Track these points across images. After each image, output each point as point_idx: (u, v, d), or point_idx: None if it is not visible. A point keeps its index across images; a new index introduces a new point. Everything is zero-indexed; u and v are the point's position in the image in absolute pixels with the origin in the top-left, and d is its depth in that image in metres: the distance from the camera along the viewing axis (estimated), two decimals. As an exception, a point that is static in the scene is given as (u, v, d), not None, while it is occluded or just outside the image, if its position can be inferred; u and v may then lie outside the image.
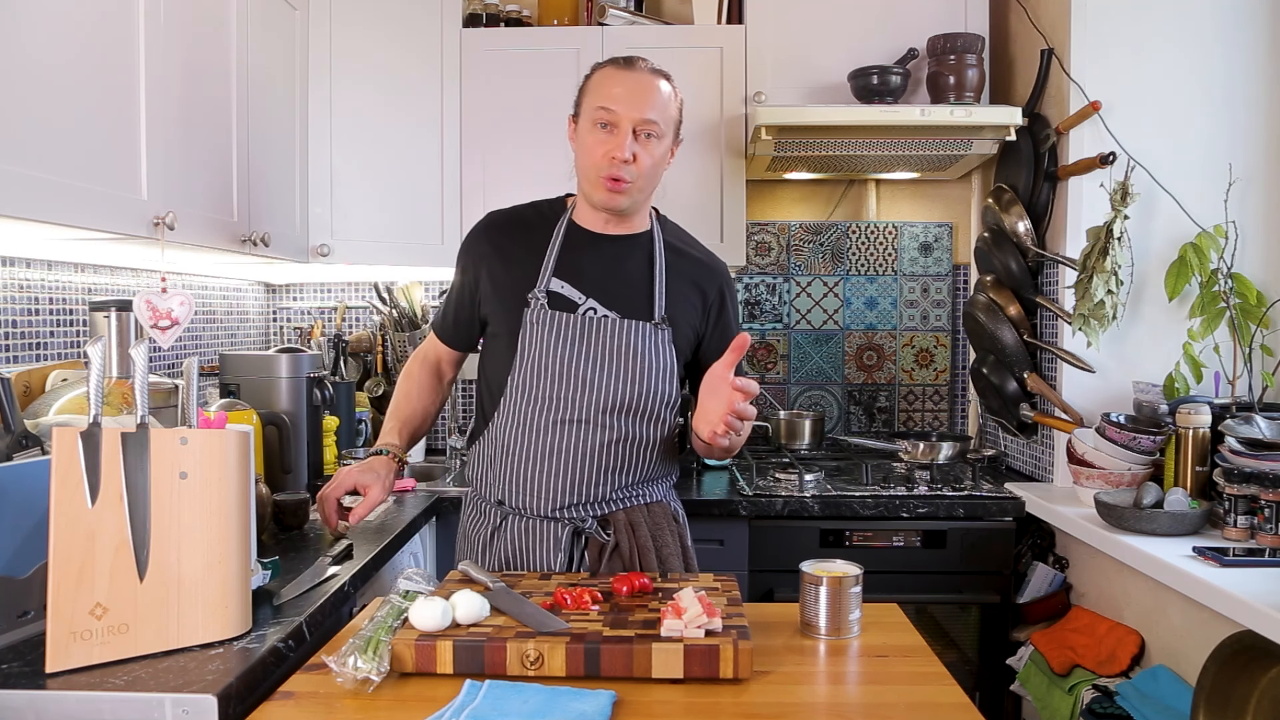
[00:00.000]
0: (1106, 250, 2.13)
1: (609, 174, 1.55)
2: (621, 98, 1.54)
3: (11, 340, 1.82)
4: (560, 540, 1.61)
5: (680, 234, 1.74)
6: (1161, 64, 2.25)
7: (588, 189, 1.62)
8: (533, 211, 1.70)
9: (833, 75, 2.59)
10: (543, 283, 1.61)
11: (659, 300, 1.62)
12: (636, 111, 1.53)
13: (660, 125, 1.55)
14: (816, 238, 3.00)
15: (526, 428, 1.61)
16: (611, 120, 1.54)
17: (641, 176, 1.57)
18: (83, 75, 1.47)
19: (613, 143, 1.54)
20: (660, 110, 1.55)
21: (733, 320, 1.72)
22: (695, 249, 1.73)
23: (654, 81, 1.57)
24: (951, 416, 3.01)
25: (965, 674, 2.35)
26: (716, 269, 1.72)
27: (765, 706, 1.12)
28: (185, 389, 1.36)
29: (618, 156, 1.53)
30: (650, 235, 1.68)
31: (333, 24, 2.51)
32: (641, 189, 1.60)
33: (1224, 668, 1.55)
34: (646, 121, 1.54)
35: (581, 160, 1.61)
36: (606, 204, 1.60)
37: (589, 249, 1.64)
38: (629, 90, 1.54)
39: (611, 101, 1.54)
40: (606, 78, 1.57)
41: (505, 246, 1.66)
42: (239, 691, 1.13)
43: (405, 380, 1.80)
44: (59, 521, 1.13)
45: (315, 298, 3.05)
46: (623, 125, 1.54)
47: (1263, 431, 1.86)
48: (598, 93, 1.56)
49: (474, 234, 1.71)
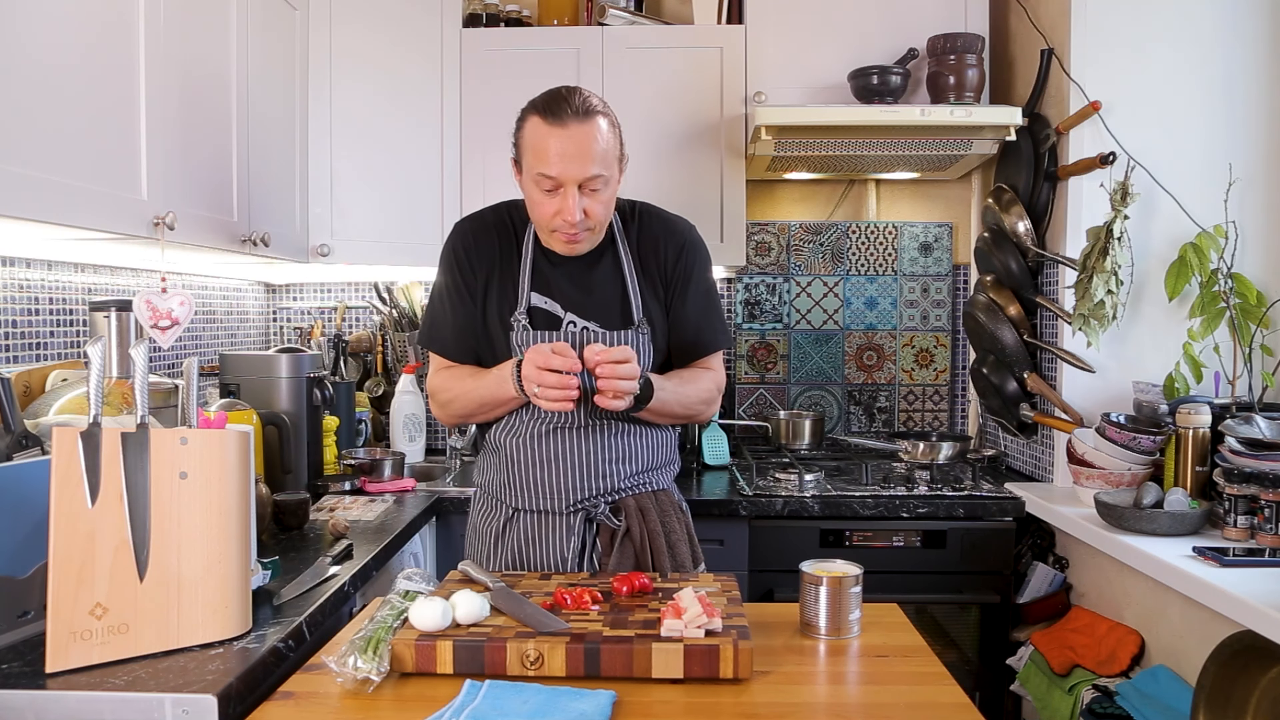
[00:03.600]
0: (1106, 250, 2.13)
1: (562, 231, 1.54)
2: (559, 161, 1.48)
3: (11, 340, 1.82)
4: (573, 527, 1.62)
5: (641, 216, 1.69)
6: (1161, 64, 2.25)
7: (544, 238, 1.60)
8: (501, 221, 1.67)
9: (833, 75, 2.59)
10: (523, 301, 1.60)
11: (635, 304, 1.62)
12: (579, 171, 1.48)
13: (605, 172, 1.51)
14: (816, 238, 3.00)
15: (528, 435, 1.62)
16: (554, 185, 1.50)
17: (596, 222, 1.55)
18: (83, 75, 1.47)
19: (560, 202, 1.51)
20: (602, 158, 1.50)
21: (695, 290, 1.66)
22: (654, 225, 1.68)
23: (589, 131, 1.49)
24: (951, 416, 3.01)
25: (965, 674, 2.35)
26: (674, 231, 1.68)
27: (765, 706, 1.12)
28: (185, 389, 1.36)
29: (568, 220, 1.51)
30: (612, 236, 1.65)
31: (333, 24, 2.51)
32: (599, 231, 1.59)
33: (1224, 668, 1.55)
34: (591, 178, 1.50)
35: (533, 214, 1.58)
36: (566, 254, 1.60)
37: (559, 265, 1.63)
38: (565, 151, 1.48)
39: (549, 167, 1.49)
40: (540, 135, 1.49)
41: (483, 263, 1.64)
42: (239, 691, 1.13)
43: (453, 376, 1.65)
44: (59, 521, 1.13)
45: (315, 298, 3.05)
46: (568, 187, 1.50)
47: (1263, 431, 1.86)
48: (535, 155, 1.51)
49: (451, 247, 1.66)
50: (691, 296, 1.67)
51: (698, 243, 1.70)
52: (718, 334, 1.70)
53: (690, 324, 1.67)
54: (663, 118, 2.61)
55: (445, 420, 1.70)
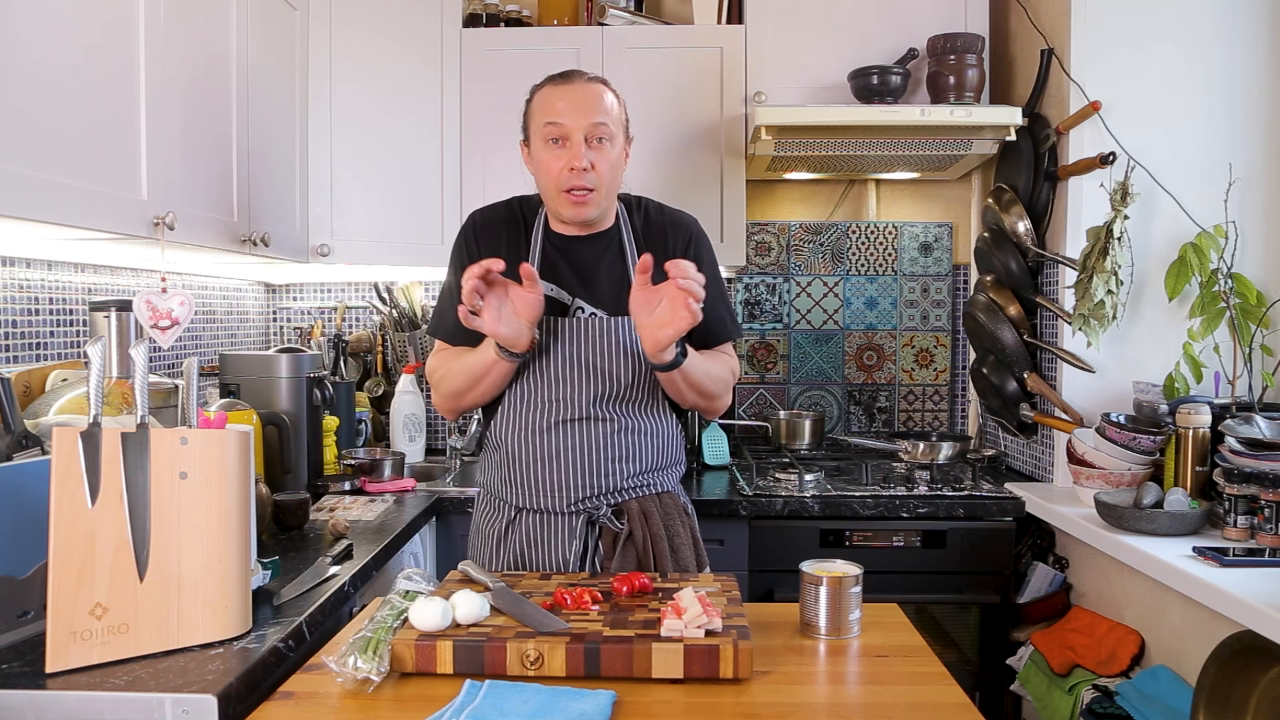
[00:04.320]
0: (1106, 250, 2.13)
1: (570, 185, 1.57)
2: (566, 110, 1.56)
3: (11, 340, 1.82)
4: (575, 530, 1.62)
5: (645, 208, 1.73)
6: (1161, 64, 2.25)
7: (554, 206, 1.63)
8: (512, 213, 1.71)
9: (833, 75, 2.59)
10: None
11: None
12: (585, 118, 1.56)
13: (610, 126, 1.58)
14: (816, 238, 3.00)
15: (531, 431, 1.62)
16: (562, 134, 1.57)
17: (602, 182, 1.59)
18: (83, 75, 1.47)
19: (568, 155, 1.56)
20: (607, 111, 1.58)
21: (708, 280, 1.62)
22: (659, 218, 1.72)
23: (595, 88, 1.59)
24: (951, 416, 3.01)
25: (965, 674, 2.35)
26: (680, 224, 1.72)
27: (765, 706, 1.12)
28: (185, 389, 1.36)
29: (576, 166, 1.55)
30: (617, 228, 1.68)
31: (333, 24, 2.51)
32: (605, 194, 1.61)
33: (1224, 668, 1.55)
34: (596, 125, 1.56)
35: (542, 180, 1.62)
36: (574, 218, 1.62)
37: (566, 253, 1.66)
38: (572, 101, 1.57)
39: (557, 115, 1.56)
40: (548, 95, 1.59)
41: (493, 251, 1.63)
42: (239, 691, 1.13)
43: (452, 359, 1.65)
44: (59, 521, 1.13)
45: (315, 298, 3.05)
46: (574, 136, 1.56)
47: (1263, 431, 1.86)
48: (543, 110, 1.59)
49: (463, 237, 1.71)
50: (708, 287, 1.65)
51: (703, 235, 1.75)
52: (729, 324, 1.73)
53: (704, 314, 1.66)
54: (663, 118, 2.61)
55: (441, 405, 1.70)
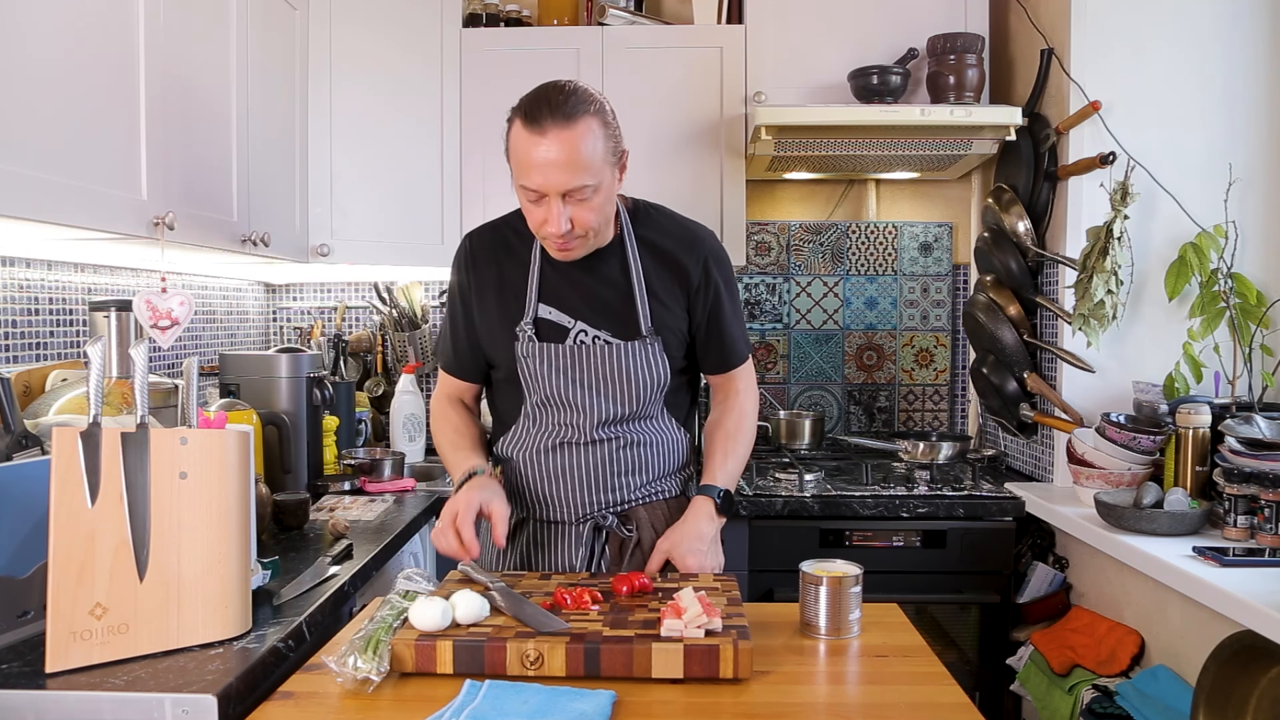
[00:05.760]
0: (1106, 250, 2.13)
1: (552, 240, 1.50)
2: (539, 173, 1.42)
3: (11, 340, 1.82)
4: (582, 536, 1.61)
5: (654, 219, 1.64)
6: (1161, 64, 2.25)
7: (541, 242, 1.56)
8: (508, 234, 1.64)
9: (833, 75, 2.59)
10: (530, 312, 1.58)
11: (643, 314, 1.57)
12: (561, 183, 1.42)
13: (591, 181, 1.43)
14: (816, 238, 3.00)
15: (535, 450, 1.61)
16: (538, 196, 1.45)
17: (588, 229, 1.48)
18: (83, 75, 1.47)
19: (546, 213, 1.45)
20: (585, 167, 1.42)
21: (726, 304, 1.63)
22: (672, 231, 1.62)
23: (571, 138, 1.40)
24: (951, 416, 3.01)
25: (965, 674, 2.35)
26: (696, 241, 1.62)
27: (765, 706, 1.12)
28: (185, 389, 1.36)
29: (553, 231, 1.46)
30: (621, 240, 1.60)
31: (333, 24, 2.51)
32: (593, 236, 1.51)
33: (1224, 668, 1.55)
34: (573, 190, 1.43)
35: (527, 218, 1.52)
36: (562, 259, 1.55)
37: (566, 273, 1.59)
38: (545, 163, 1.41)
39: (530, 180, 1.43)
40: (522, 144, 1.43)
41: (489, 276, 1.62)
42: (239, 691, 1.13)
43: (446, 420, 1.69)
44: (59, 521, 1.13)
45: (315, 298, 3.05)
46: (550, 198, 1.44)
47: (1263, 431, 1.86)
48: (517, 163, 1.46)
49: (459, 265, 1.66)
50: (727, 311, 1.64)
51: (720, 252, 1.65)
52: (741, 343, 1.68)
53: (727, 336, 1.65)
54: (662, 118, 2.61)
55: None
